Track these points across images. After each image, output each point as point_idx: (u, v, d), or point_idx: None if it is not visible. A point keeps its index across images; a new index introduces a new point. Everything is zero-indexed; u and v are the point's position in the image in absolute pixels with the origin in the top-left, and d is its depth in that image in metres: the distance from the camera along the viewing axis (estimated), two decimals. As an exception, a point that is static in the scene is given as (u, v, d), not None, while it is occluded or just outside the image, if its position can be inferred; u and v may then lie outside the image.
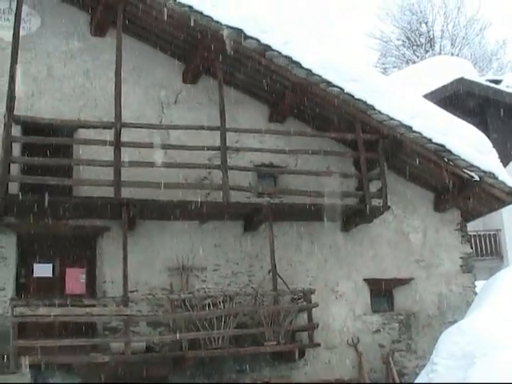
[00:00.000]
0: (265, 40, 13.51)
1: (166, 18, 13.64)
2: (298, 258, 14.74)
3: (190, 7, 13.40)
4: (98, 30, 14.58)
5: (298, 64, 13.81)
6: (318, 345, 13.73)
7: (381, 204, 14.47)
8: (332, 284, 14.88)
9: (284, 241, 14.58)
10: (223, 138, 13.38)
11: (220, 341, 12.75)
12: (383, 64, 46.18)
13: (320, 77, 13.89)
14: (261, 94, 15.21)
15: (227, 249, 14.25)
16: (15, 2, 13.24)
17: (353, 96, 13.97)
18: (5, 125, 12.38)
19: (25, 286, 13.25)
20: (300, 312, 13.74)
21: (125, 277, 12.42)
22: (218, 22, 13.44)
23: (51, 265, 13.49)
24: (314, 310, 13.61)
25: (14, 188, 12.82)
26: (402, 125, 14.17)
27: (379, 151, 14.60)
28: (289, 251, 14.65)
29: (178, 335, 12.54)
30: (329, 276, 14.90)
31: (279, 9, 15.22)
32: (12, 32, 12.93)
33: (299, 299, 13.78)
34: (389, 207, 14.57)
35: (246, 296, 13.50)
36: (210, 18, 13.44)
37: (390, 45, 46.63)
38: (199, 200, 13.25)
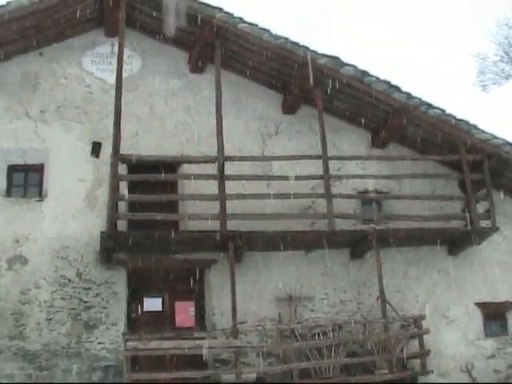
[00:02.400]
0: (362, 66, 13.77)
1: (262, 51, 14.10)
2: (406, 284, 14.73)
3: (286, 39, 13.91)
4: (197, 67, 15.22)
5: (397, 88, 13.99)
6: (431, 372, 13.60)
7: (489, 225, 14.31)
8: (442, 309, 14.76)
9: (391, 267, 14.61)
10: (326, 167, 13.64)
11: (331, 370, 12.86)
12: (482, 81, 45.38)
13: (420, 99, 13.99)
14: (361, 120, 15.37)
15: (334, 277, 14.38)
16: (117, 46, 14.06)
17: (455, 117, 13.99)
18: (111, 164, 13.04)
19: (136, 321, 13.82)
20: (411, 339, 13.66)
21: (233, 308, 12.73)
22: (314, 51, 13.83)
23: (161, 299, 14.01)
24: (425, 336, 13.50)
25: (122, 225, 13.49)
26: (507, 143, 14.06)
27: (485, 171, 14.49)
28: (397, 277, 14.66)
29: (288, 365, 12.73)
30: (439, 301, 14.79)
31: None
32: (115, 74, 13.76)
33: (409, 326, 13.71)
34: (498, 228, 14.39)
35: (355, 324, 13.51)
36: (307, 47, 13.87)
37: (488, 61, 45.78)
38: (304, 229, 13.50)
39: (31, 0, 13.64)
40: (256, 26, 14.02)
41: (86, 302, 13.48)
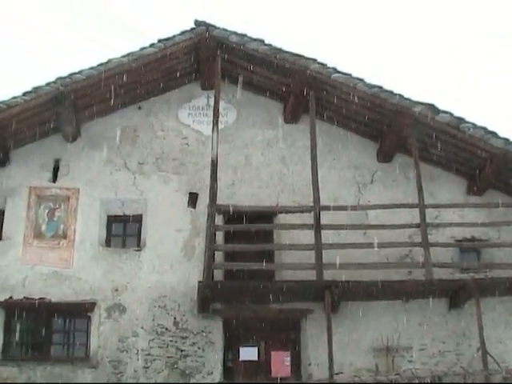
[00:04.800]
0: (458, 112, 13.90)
1: (356, 100, 14.44)
2: (508, 335, 14.46)
3: (380, 87, 14.19)
4: (291, 117, 15.68)
5: (494, 134, 14.02)
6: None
7: None
8: (547, 361, 14.44)
9: (492, 317, 14.38)
10: (422, 215, 13.71)
11: (430, 423, 12.79)
12: None
13: (519, 145, 13.99)
14: (457, 167, 15.38)
15: (433, 327, 14.28)
16: (212, 99, 14.68)
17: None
18: (208, 214, 13.53)
19: (232, 370, 14.14)
20: (514, 392, 13.47)
21: (330, 359, 12.84)
22: (408, 98, 14.07)
23: (257, 348, 14.25)
24: (529, 389, 13.30)
25: (218, 275, 13.91)
26: None
27: None
28: (498, 328, 14.42)
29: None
30: (543, 353, 14.47)
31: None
32: (211, 126, 14.35)
33: (513, 379, 13.53)
34: None
35: (454, 376, 13.37)
36: (401, 95, 14.11)
37: None
38: (402, 279, 13.61)
39: (130, 57, 14.43)
40: (349, 75, 14.38)
41: (182, 351, 13.90)
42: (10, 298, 14.17)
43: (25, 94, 14.05)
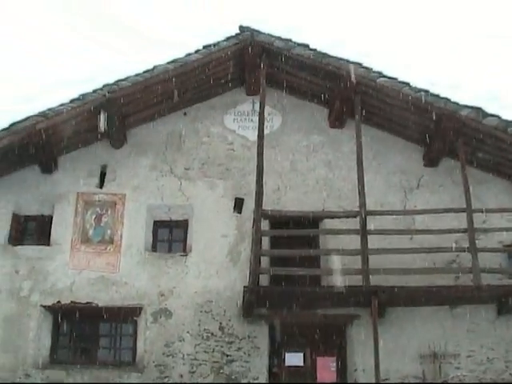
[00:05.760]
0: (506, 115, 13.84)
1: (402, 104, 14.46)
2: (559, 342, 14.35)
3: (426, 91, 14.16)
4: (337, 122, 15.75)
5: (543, 137, 13.91)
6: None
7: None
8: None
9: (543, 324, 14.30)
10: (470, 220, 13.66)
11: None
12: None
13: None
14: (506, 171, 15.29)
15: (481, 334, 14.20)
16: (257, 104, 14.85)
17: None
18: (254, 219, 13.66)
19: (277, 375, 14.22)
20: None
21: (376, 365, 12.82)
22: (455, 102, 14.04)
23: (302, 354, 14.33)
24: None
25: (264, 280, 13.99)
26: None
27: None
28: (549, 334, 14.33)
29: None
30: None
31: None
32: (256, 131, 14.50)
33: None
34: None
35: (504, 384, 13.38)
36: (448, 99, 14.08)
37: None
38: (449, 284, 13.58)
39: (175, 64, 14.64)
40: (395, 79, 14.40)
41: (228, 356, 14.04)
42: (58, 302, 14.48)
43: (72, 101, 14.35)
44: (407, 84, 14.31)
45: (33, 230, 15.47)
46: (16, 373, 13.97)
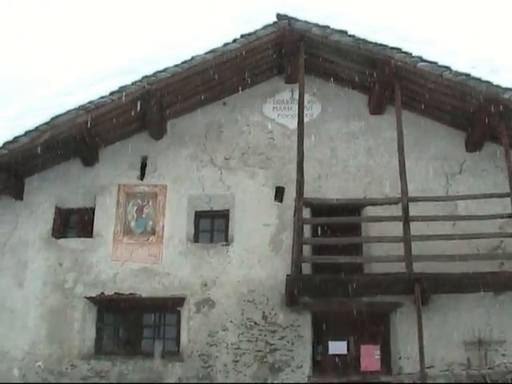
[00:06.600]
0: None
1: (443, 89, 14.37)
2: None
3: (468, 75, 14.00)
4: (377, 108, 15.72)
5: None
6: None
7: None
8: None
9: None
10: (514, 205, 13.55)
11: (526, 418, 12.63)
12: None
13: None
14: (549, 155, 15.09)
15: (527, 320, 14.08)
16: (296, 92, 14.88)
17: None
18: (296, 208, 13.71)
19: (321, 364, 14.32)
20: None
21: (421, 352, 12.79)
22: (498, 85, 13.88)
23: (346, 342, 14.39)
24: None
25: (306, 268, 14.05)
26: None
27: None
28: None
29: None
30: None
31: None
32: (296, 120, 14.53)
33: None
34: None
35: (552, 372, 13.25)
36: (490, 82, 13.92)
37: None
38: (493, 270, 13.50)
39: (213, 54, 14.72)
40: (435, 63, 14.27)
41: (271, 345, 14.13)
42: (102, 293, 14.71)
43: (112, 93, 14.49)
44: (448, 68, 14.16)
45: (75, 222, 15.72)
46: (62, 363, 14.26)
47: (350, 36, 14.57)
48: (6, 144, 14.02)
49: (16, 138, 14.06)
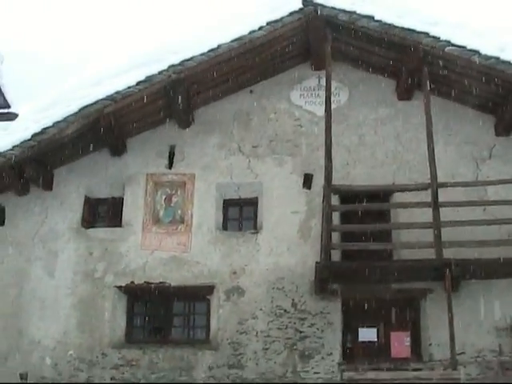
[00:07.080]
0: None
1: (471, 73, 14.26)
2: None
3: (497, 58, 13.85)
4: (405, 94, 15.62)
5: None
6: None
7: None
8: None
9: None
10: (544, 189, 13.45)
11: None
12: None
13: None
14: None
15: (560, 306, 13.97)
16: (323, 79, 14.86)
17: None
18: (324, 195, 13.72)
19: (351, 351, 14.34)
20: None
21: (451, 339, 12.77)
22: (527, 68, 13.75)
23: (376, 329, 14.42)
24: None
25: (335, 255, 14.04)
26: None
27: None
28: None
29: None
30: None
31: None
32: (323, 106, 14.51)
33: None
34: None
35: None
36: (519, 66, 13.79)
37: None
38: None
39: (239, 42, 14.72)
40: (464, 48, 14.14)
41: (301, 332, 14.19)
42: (132, 282, 14.86)
43: (138, 83, 14.57)
44: (477, 52, 14.01)
45: (104, 212, 15.87)
46: (93, 352, 14.46)
47: (376, 21, 14.48)
48: (34, 136, 14.17)
49: (44, 130, 14.20)
